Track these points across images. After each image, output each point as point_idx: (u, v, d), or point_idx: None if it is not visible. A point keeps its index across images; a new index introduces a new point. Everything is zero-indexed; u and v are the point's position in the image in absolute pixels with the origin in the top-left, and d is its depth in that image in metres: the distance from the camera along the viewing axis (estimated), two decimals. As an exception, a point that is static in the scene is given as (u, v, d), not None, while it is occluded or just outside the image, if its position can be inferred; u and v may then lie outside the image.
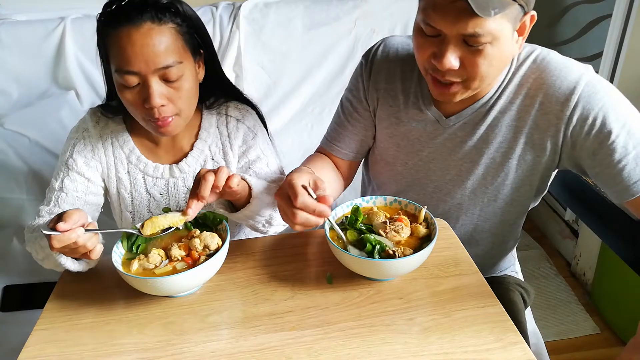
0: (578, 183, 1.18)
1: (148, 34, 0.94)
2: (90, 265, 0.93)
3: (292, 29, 1.86)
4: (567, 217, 2.22)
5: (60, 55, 1.76)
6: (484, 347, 0.75)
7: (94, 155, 1.11)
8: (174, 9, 0.98)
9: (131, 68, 0.94)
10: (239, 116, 1.15)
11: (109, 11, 0.97)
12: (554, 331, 1.84)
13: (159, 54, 0.94)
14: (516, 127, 0.99)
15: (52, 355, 0.78)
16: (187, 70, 0.99)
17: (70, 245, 0.80)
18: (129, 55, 0.93)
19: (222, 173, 0.86)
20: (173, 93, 0.98)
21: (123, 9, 0.95)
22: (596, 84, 0.92)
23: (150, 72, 0.94)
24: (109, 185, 1.14)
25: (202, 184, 0.85)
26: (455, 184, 1.07)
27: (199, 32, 1.04)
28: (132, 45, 0.93)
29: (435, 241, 0.85)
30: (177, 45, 0.97)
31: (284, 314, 0.83)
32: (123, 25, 0.94)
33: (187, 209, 0.86)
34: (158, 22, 0.95)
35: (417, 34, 0.91)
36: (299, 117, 1.91)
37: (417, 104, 1.05)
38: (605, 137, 0.91)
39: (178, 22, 0.98)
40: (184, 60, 0.98)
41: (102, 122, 1.12)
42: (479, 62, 0.86)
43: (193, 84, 1.02)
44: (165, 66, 0.95)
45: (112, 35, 0.95)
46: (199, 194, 0.85)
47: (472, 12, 0.78)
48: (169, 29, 0.96)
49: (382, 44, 1.09)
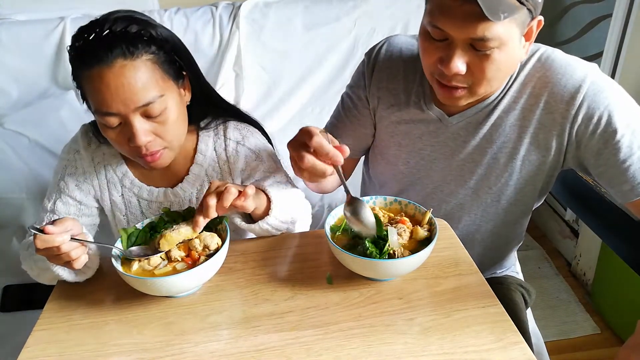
0: (578, 183, 1.18)
1: (121, 72, 0.87)
2: (87, 275, 0.90)
3: (292, 29, 1.86)
4: (567, 217, 2.22)
5: (60, 55, 1.76)
6: (484, 347, 0.75)
7: (85, 179, 1.07)
8: (147, 37, 0.91)
9: (109, 110, 0.88)
10: (238, 138, 1.09)
11: (77, 47, 0.90)
12: (554, 331, 1.84)
13: (136, 92, 0.88)
14: (520, 126, 0.98)
15: (52, 355, 0.78)
16: (171, 101, 0.93)
17: (53, 249, 0.78)
18: (105, 98, 0.87)
19: (229, 194, 0.81)
20: (158, 127, 0.93)
21: (91, 46, 0.88)
22: (601, 83, 0.92)
23: (130, 111, 0.89)
24: (104, 207, 1.11)
25: (205, 208, 0.82)
26: (458, 183, 1.07)
27: (179, 54, 0.97)
28: (107, 86, 0.87)
29: (435, 241, 0.85)
30: (156, 78, 0.91)
31: (284, 314, 0.83)
32: (94, 65, 0.87)
33: (195, 227, 0.84)
34: (131, 56, 0.88)
35: (424, 37, 0.90)
36: (299, 117, 1.91)
37: (419, 104, 1.04)
38: (610, 136, 0.90)
39: (153, 51, 0.91)
40: (166, 92, 0.92)
41: (94, 144, 1.07)
42: (486, 67, 0.86)
43: (179, 113, 0.96)
44: (145, 103, 0.89)
45: (85, 76, 0.89)
46: (204, 214, 0.83)
47: (482, 15, 0.77)
48: (144, 62, 0.89)
49: (386, 43, 1.09)
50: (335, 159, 0.79)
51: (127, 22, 0.90)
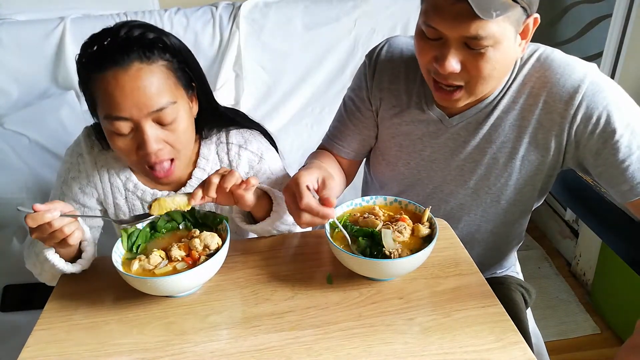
0: (578, 183, 1.18)
1: (137, 75, 0.86)
2: (84, 266, 0.91)
3: (292, 29, 1.86)
4: (567, 217, 2.22)
5: (60, 55, 1.76)
6: (484, 347, 0.75)
7: (89, 182, 1.07)
8: (162, 44, 0.91)
9: (122, 114, 0.87)
10: (241, 141, 1.08)
11: (90, 52, 0.89)
12: (554, 331, 1.84)
13: (151, 96, 0.87)
14: (519, 126, 0.98)
15: (52, 355, 0.78)
16: (182, 110, 0.94)
17: (46, 227, 0.79)
18: (118, 101, 0.86)
19: (232, 177, 0.85)
20: (169, 135, 0.92)
21: (106, 50, 0.87)
22: (601, 83, 0.92)
23: (143, 116, 0.88)
24: (107, 209, 1.11)
25: (207, 184, 0.86)
26: (458, 184, 1.07)
27: (189, 65, 0.97)
28: (121, 89, 0.86)
29: (436, 241, 0.85)
30: (169, 84, 0.91)
31: (284, 314, 0.83)
32: (108, 68, 0.86)
33: (191, 199, 0.87)
34: (147, 60, 0.88)
35: (419, 37, 0.91)
36: (299, 117, 1.91)
37: (420, 104, 1.04)
38: (609, 136, 0.90)
39: (168, 58, 0.91)
40: (178, 100, 0.92)
41: (97, 148, 1.06)
42: (480, 66, 0.86)
43: (188, 123, 0.96)
44: (159, 108, 0.89)
45: (97, 80, 0.88)
46: (205, 188, 0.86)
47: (474, 14, 0.78)
48: (159, 67, 0.90)
49: (387, 44, 1.09)
50: (326, 217, 0.85)
51: (143, 29, 0.90)
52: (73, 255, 0.91)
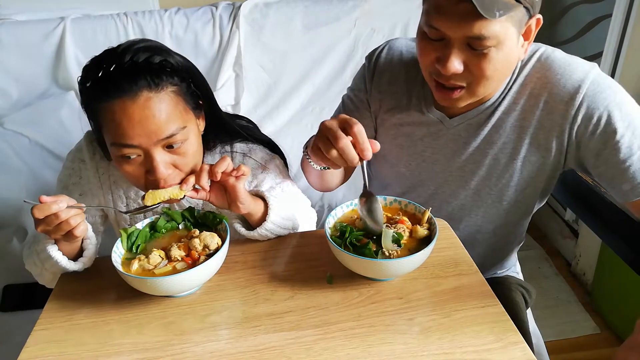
0: (578, 183, 1.18)
1: (146, 105, 0.84)
2: (85, 264, 0.91)
3: (292, 29, 1.86)
4: (567, 217, 2.22)
5: (60, 55, 1.76)
6: (484, 347, 0.75)
7: (90, 189, 1.06)
8: (169, 67, 0.89)
9: (131, 142, 0.86)
10: (245, 150, 1.08)
11: (95, 79, 0.86)
12: (554, 331, 1.84)
13: (160, 125, 0.86)
14: (520, 127, 0.98)
15: (52, 355, 0.78)
16: (191, 133, 0.92)
17: (52, 218, 0.79)
18: (127, 130, 0.84)
19: (223, 162, 0.86)
20: (178, 159, 0.91)
21: (112, 77, 0.85)
22: (602, 83, 0.91)
23: (152, 144, 0.86)
24: (108, 215, 1.10)
25: (200, 169, 0.88)
26: (459, 185, 1.07)
27: (196, 83, 0.95)
28: (129, 119, 0.84)
29: (435, 241, 0.85)
30: (179, 109, 0.89)
31: (284, 314, 0.83)
32: (115, 97, 0.84)
33: (183, 184, 0.88)
34: (156, 88, 0.86)
35: (421, 38, 0.90)
36: (299, 117, 1.91)
37: (420, 106, 1.04)
38: (609, 136, 0.90)
39: (176, 82, 0.90)
40: (187, 124, 0.91)
41: (99, 154, 1.04)
42: (483, 66, 0.86)
43: (198, 144, 0.95)
44: (169, 135, 0.87)
45: (103, 109, 0.86)
46: (197, 174, 0.88)
47: (477, 14, 0.78)
48: (168, 93, 0.88)
49: (387, 46, 1.09)
50: (366, 153, 0.79)
51: (149, 53, 0.88)
52: (75, 252, 0.91)
